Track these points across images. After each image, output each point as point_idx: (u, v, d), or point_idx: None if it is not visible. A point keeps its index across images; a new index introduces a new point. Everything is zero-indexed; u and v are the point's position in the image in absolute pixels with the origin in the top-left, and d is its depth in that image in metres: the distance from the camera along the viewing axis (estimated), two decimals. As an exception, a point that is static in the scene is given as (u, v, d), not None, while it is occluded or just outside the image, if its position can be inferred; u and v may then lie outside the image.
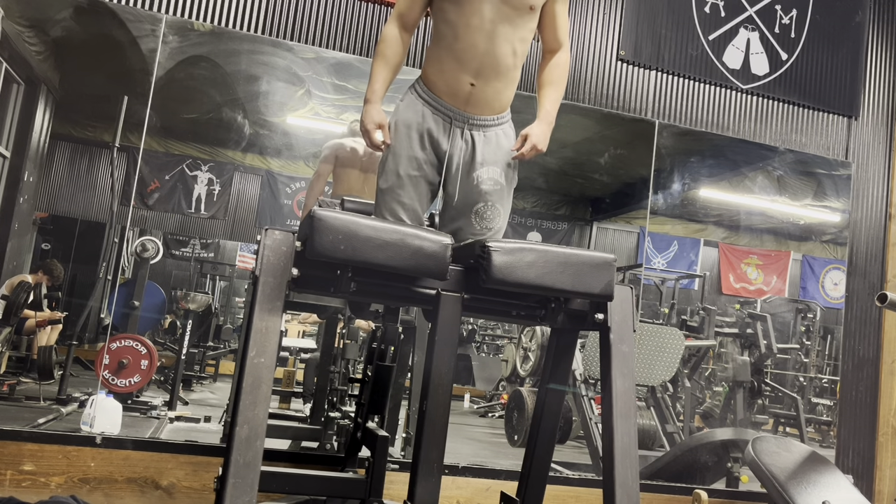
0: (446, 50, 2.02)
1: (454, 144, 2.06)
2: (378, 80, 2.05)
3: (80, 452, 2.69)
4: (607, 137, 3.77)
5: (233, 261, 4.86)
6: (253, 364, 1.57)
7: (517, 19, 2.00)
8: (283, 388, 4.32)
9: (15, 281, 3.33)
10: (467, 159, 2.07)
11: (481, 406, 5.12)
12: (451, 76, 2.02)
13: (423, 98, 2.08)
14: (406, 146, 2.06)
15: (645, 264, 4.12)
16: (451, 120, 2.05)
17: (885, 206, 3.93)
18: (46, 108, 3.32)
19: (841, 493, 2.92)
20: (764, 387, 4.32)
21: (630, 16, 3.57)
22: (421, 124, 2.06)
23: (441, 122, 2.06)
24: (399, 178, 2.06)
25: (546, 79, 2.15)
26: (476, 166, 2.08)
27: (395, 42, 2.07)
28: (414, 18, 2.11)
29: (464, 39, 1.98)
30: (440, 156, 2.07)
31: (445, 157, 2.07)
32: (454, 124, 2.05)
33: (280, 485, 2.09)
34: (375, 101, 2.04)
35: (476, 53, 1.99)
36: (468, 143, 2.07)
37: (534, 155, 2.08)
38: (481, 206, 2.09)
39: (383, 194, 2.09)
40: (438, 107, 2.06)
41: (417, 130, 2.06)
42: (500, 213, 2.13)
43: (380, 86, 2.05)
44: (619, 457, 1.74)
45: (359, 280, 1.74)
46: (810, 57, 3.86)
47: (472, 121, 2.06)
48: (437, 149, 2.07)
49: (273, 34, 3.13)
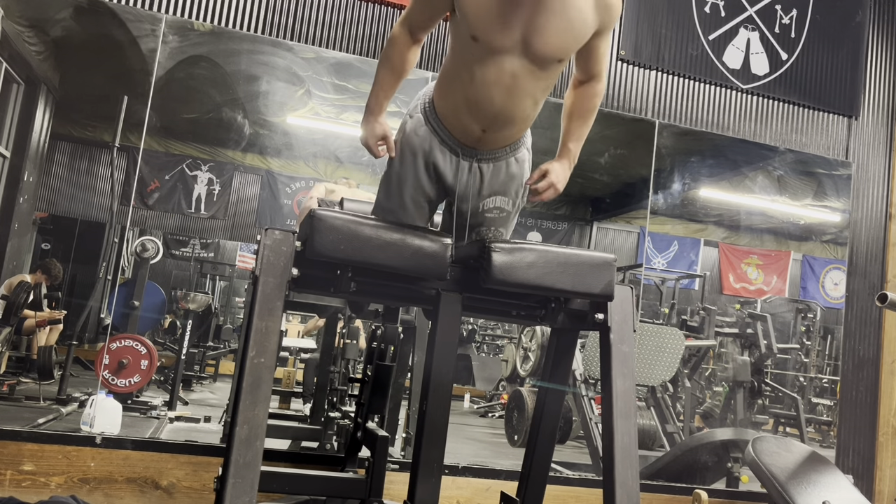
0: (460, 93, 1.80)
1: (460, 179, 1.90)
2: (382, 88, 1.89)
3: (80, 452, 2.69)
4: (607, 137, 3.77)
5: (233, 261, 4.86)
6: (253, 364, 1.57)
7: (541, 73, 1.76)
8: (283, 388, 4.32)
9: (15, 281, 3.33)
10: (474, 191, 1.92)
11: (481, 406, 5.12)
12: (462, 121, 1.84)
13: (431, 125, 1.89)
14: (412, 174, 1.91)
15: (645, 264, 4.12)
16: (458, 154, 1.89)
17: (885, 206, 3.93)
18: (46, 107, 3.32)
19: (841, 493, 2.91)
20: (764, 387, 4.32)
21: (630, 16, 3.57)
22: (428, 153, 1.89)
23: (448, 154, 1.89)
24: (403, 202, 1.93)
25: (575, 110, 1.91)
26: (482, 196, 1.93)
27: (404, 47, 1.86)
28: (424, 29, 1.88)
29: (480, 91, 1.76)
30: (445, 187, 1.93)
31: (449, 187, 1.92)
32: (462, 158, 1.89)
33: (280, 485, 2.09)
34: (378, 113, 1.89)
35: (491, 108, 1.78)
36: (475, 176, 1.91)
37: (551, 196, 1.90)
38: (483, 230, 1.98)
39: (384, 212, 1.95)
40: (447, 140, 1.88)
41: (424, 158, 1.90)
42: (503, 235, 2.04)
43: (383, 96, 1.89)
44: (619, 457, 1.74)
45: (359, 280, 1.74)
46: (810, 57, 3.86)
47: (480, 156, 1.90)
48: (441, 180, 1.92)
49: (273, 34, 3.13)
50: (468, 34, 1.71)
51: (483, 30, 1.69)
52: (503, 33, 1.69)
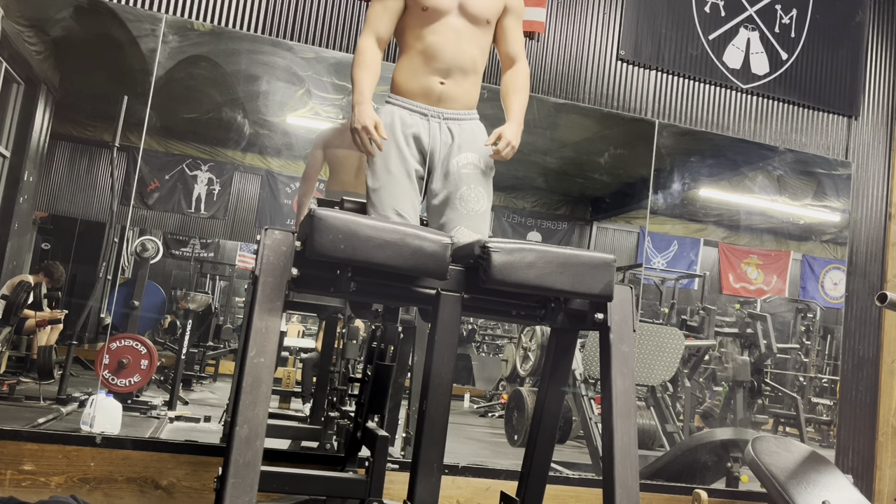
0: (418, 55, 2.22)
1: (433, 137, 2.21)
2: (364, 84, 2.18)
3: (80, 452, 2.69)
4: (607, 137, 3.77)
5: (233, 260, 4.85)
6: (253, 364, 1.57)
7: (476, 29, 2.25)
8: (283, 388, 4.32)
9: (15, 281, 3.33)
10: (447, 150, 2.22)
11: (481, 406, 5.12)
12: (423, 78, 2.22)
13: (397, 104, 2.25)
14: (392, 144, 2.19)
15: (645, 264, 4.12)
16: (427, 117, 2.22)
17: (885, 205, 3.93)
18: (46, 107, 3.32)
19: (841, 492, 2.92)
20: (764, 387, 4.32)
21: (630, 15, 3.57)
22: (402, 124, 2.21)
23: (418, 118, 2.22)
24: (390, 174, 2.16)
25: (509, 87, 2.35)
26: (454, 153, 2.21)
27: (374, 52, 2.24)
28: (387, 32, 2.27)
29: (433, 46, 2.21)
30: (423, 150, 2.21)
31: (428, 151, 2.21)
32: (430, 120, 2.22)
33: (280, 485, 2.09)
34: (365, 102, 2.15)
35: (445, 57, 2.21)
36: (447, 134, 2.22)
37: (510, 153, 2.22)
38: (465, 190, 2.19)
39: (376, 193, 2.17)
40: (413, 108, 2.23)
41: (400, 130, 2.20)
42: (483, 196, 2.22)
43: (367, 89, 2.18)
44: (619, 457, 1.74)
45: (359, 280, 1.74)
46: (810, 57, 3.86)
47: (445, 115, 2.23)
48: (419, 144, 2.21)
49: (273, 34, 3.13)
50: (420, 7, 2.21)
51: None
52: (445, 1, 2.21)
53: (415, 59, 2.23)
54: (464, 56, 2.22)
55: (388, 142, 2.18)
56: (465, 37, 2.23)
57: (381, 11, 2.26)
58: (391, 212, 2.12)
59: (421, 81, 2.21)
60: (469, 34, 2.24)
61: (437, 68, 2.21)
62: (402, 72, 2.26)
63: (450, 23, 2.22)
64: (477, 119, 2.31)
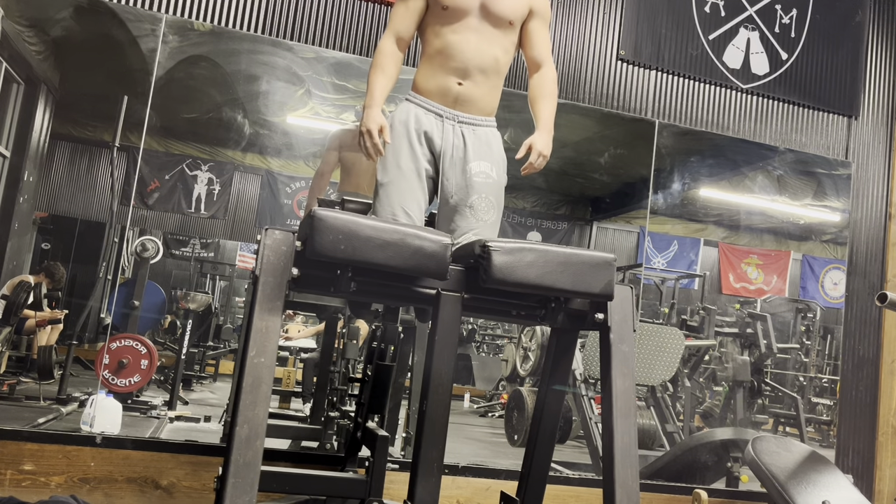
0: (437, 55, 2.20)
1: (446, 139, 2.18)
2: (377, 88, 2.17)
3: (80, 452, 2.69)
4: (607, 137, 3.77)
5: (233, 260, 4.86)
6: (253, 364, 1.57)
7: (499, 31, 2.21)
8: (283, 388, 4.32)
9: (15, 281, 3.33)
10: (460, 154, 2.18)
11: (481, 406, 5.12)
12: (441, 77, 2.19)
13: (414, 102, 2.22)
14: (404, 141, 2.17)
15: (645, 264, 4.12)
16: (442, 118, 2.19)
17: (885, 205, 3.93)
18: (46, 107, 3.32)
19: (841, 492, 2.91)
20: (764, 386, 4.33)
21: (630, 16, 3.57)
22: (416, 121, 2.19)
23: (433, 119, 2.19)
24: (399, 170, 2.16)
25: (537, 93, 2.30)
26: (468, 160, 2.18)
27: (392, 54, 2.22)
28: (408, 32, 2.25)
29: (452, 45, 2.17)
30: (434, 151, 2.19)
31: (439, 152, 2.18)
32: (445, 121, 2.19)
33: (280, 485, 2.09)
34: (375, 106, 2.14)
35: (463, 57, 2.17)
36: (459, 138, 2.19)
37: (542, 163, 2.21)
38: (475, 199, 2.17)
39: (384, 188, 2.16)
40: (429, 107, 2.20)
41: (414, 128, 2.18)
42: (494, 206, 2.21)
43: (379, 93, 2.17)
44: (619, 456, 1.74)
45: (359, 280, 1.74)
46: (810, 57, 3.86)
47: (461, 118, 2.20)
48: (431, 144, 2.19)
49: (273, 34, 3.13)
50: (440, 6, 2.17)
51: None
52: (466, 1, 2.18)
53: (434, 59, 2.20)
54: (484, 56, 2.18)
55: (401, 138, 2.18)
56: (486, 37, 2.19)
57: (403, 11, 2.24)
58: (398, 208, 2.13)
59: (439, 81, 2.19)
60: (490, 35, 2.19)
61: (454, 68, 2.17)
62: (421, 71, 2.24)
63: (470, 23, 2.18)
64: (493, 127, 2.27)
